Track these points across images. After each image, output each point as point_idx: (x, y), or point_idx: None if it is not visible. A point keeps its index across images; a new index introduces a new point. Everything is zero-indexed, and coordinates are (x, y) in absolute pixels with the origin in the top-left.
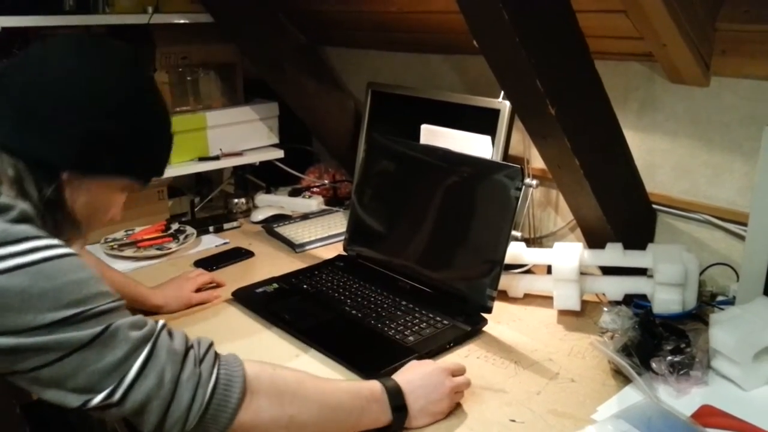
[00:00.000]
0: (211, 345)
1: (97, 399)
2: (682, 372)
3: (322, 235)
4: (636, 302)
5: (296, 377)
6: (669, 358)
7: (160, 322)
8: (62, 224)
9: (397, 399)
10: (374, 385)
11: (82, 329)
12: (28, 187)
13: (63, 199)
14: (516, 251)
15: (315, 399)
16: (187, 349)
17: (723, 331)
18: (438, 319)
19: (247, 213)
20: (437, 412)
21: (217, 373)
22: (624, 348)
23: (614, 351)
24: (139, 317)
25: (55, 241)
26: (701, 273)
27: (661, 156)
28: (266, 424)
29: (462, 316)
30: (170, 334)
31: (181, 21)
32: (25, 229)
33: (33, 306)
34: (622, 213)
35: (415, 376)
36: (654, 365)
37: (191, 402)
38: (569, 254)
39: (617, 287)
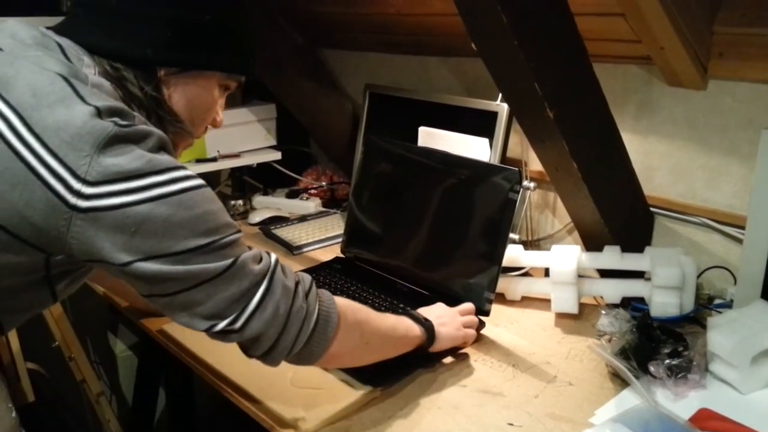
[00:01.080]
0: (312, 281)
1: (221, 325)
2: (679, 375)
3: (320, 237)
4: (633, 305)
5: (365, 310)
6: (667, 361)
7: (274, 257)
8: (167, 125)
9: (427, 322)
10: (407, 317)
11: (215, 260)
12: (132, 88)
13: (163, 98)
14: (514, 254)
15: (380, 325)
16: (296, 283)
17: (721, 335)
18: None
19: (244, 215)
20: (455, 338)
21: (319, 309)
22: (622, 351)
23: (612, 354)
24: (256, 251)
25: (190, 172)
26: (699, 276)
27: (658, 159)
28: (349, 350)
29: None
30: (283, 269)
31: None
32: (166, 159)
33: (174, 233)
34: (620, 216)
35: (434, 310)
36: (652, 368)
37: (299, 332)
38: (567, 257)
39: (615, 290)
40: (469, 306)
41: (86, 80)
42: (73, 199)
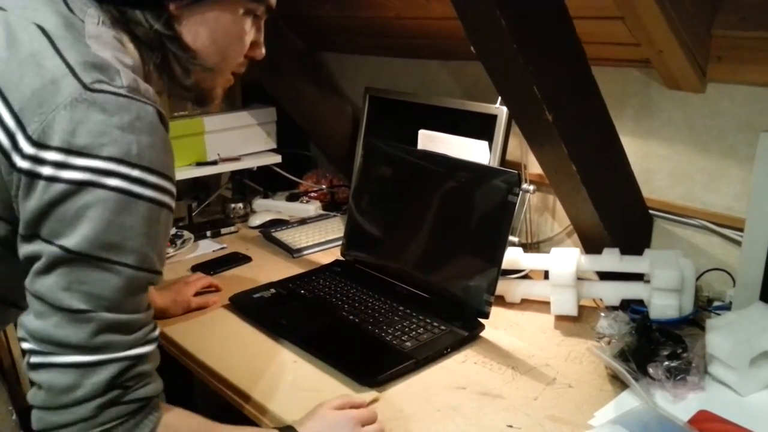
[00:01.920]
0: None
1: (26, 345)
2: (678, 377)
3: (320, 240)
4: (633, 307)
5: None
6: (666, 363)
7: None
8: (187, 65)
9: None
10: None
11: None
12: (142, 30)
13: (177, 35)
14: (513, 256)
15: None
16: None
17: (720, 337)
18: (435, 324)
19: (244, 218)
20: None
21: None
22: (621, 353)
23: (611, 356)
24: (152, 327)
25: (153, 179)
26: (698, 278)
27: (657, 162)
28: None
29: (459, 321)
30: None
31: None
32: (131, 147)
33: (77, 226)
34: (619, 218)
35: (321, 426)
36: (651, 370)
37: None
38: (566, 259)
39: (614, 292)
40: (372, 414)
41: (83, 31)
42: (15, 157)
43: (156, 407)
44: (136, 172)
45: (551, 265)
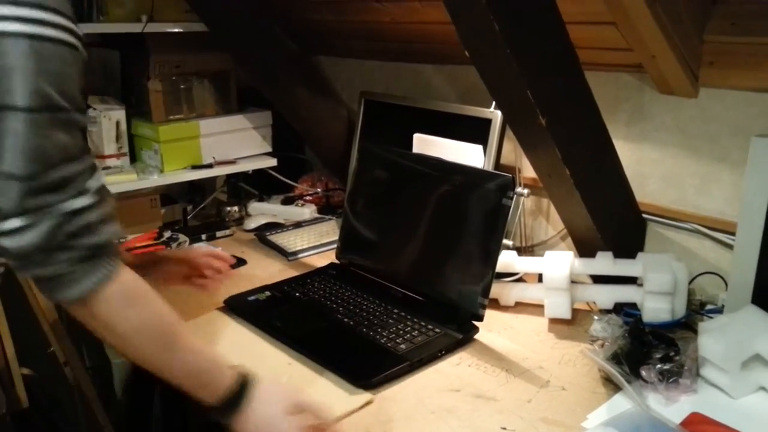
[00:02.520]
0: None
1: None
2: (671, 380)
3: (315, 243)
4: (626, 311)
5: (172, 315)
6: (658, 366)
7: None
8: None
9: (236, 400)
10: (230, 376)
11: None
12: None
13: None
14: (507, 260)
15: (174, 332)
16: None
17: (712, 340)
18: (430, 327)
19: (239, 221)
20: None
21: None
22: (614, 356)
23: (604, 359)
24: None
25: (61, 20)
26: (690, 282)
27: (650, 166)
28: (118, 316)
29: (454, 324)
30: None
31: (176, 30)
32: None
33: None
34: (613, 222)
35: (270, 410)
36: (644, 373)
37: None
38: (560, 263)
39: (607, 296)
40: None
41: None
42: None
43: (112, 254)
44: (5, 9)
45: (545, 269)
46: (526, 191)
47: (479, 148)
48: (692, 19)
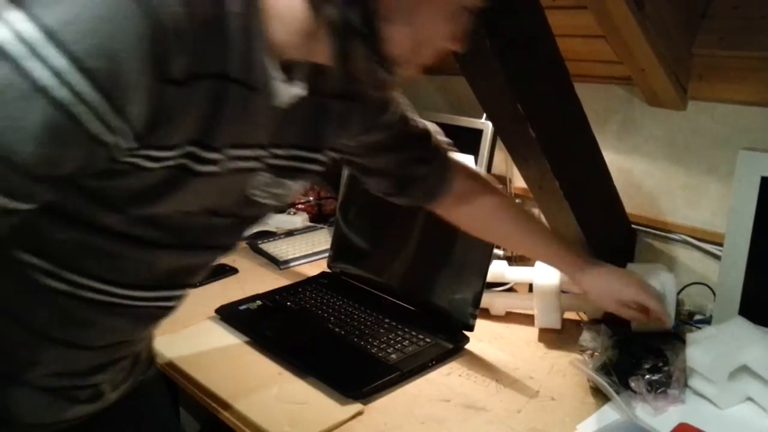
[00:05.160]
0: None
1: None
2: (659, 390)
3: (307, 252)
4: (615, 321)
5: None
6: (647, 376)
7: None
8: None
9: None
10: None
11: None
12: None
13: (376, 31)
14: (498, 269)
15: None
16: None
17: (699, 351)
18: (420, 336)
19: None
20: None
21: None
22: (603, 367)
23: (593, 370)
24: None
25: None
26: (679, 292)
27: (640, 177)
28: None
29: (444, 333)
30: None
31: None
32: None
33: None
34: (602, 233)
35: None
36: (632, 384)
37: None
38: (550, 273)
39: (597, 306)
40: None
41: None
42: None
43: None
44: None
45: (535, 278)
46: (517, 201)
47: (470, 158)
48: (681, 33)
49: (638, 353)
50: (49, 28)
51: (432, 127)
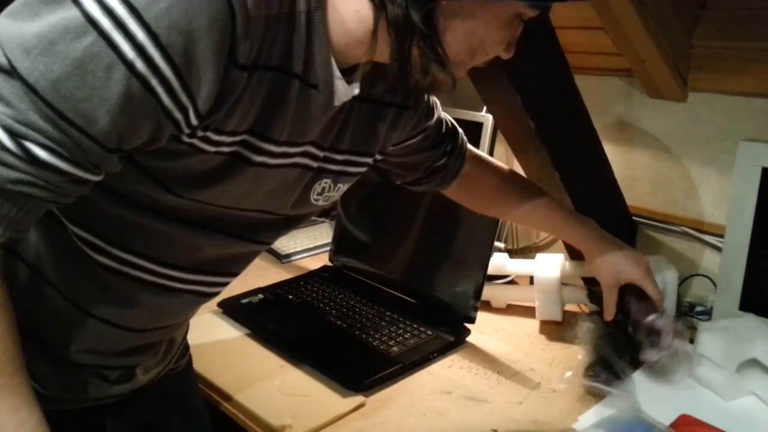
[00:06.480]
0: None
1: None
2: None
3: (308, 245)
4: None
5: None
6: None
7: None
8: (430, 64)
9: None
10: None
11: None
12: (393, 9)
13: (436, 33)
14: (499, 262)
15: None
16: None
17: (712, 338)
18: (422, 329)
19: None
20: None
21: None
22: (599, 361)
23: (587, 367)
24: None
25: None
26: (680, 284)
27: (640, 169)
28: None
29: (446, 326)
30: None
31: None
32: None
33: None
34: (603, 225)
35: None
36: (646, 357)
37: None
38: (551, 265)
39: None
40: None
41: None
42: None
43: None
44: None
45: (536, 271)
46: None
47: None
48: (681, 24)
49: (630, 342)
50: (132, 3)
51: (450, 118)
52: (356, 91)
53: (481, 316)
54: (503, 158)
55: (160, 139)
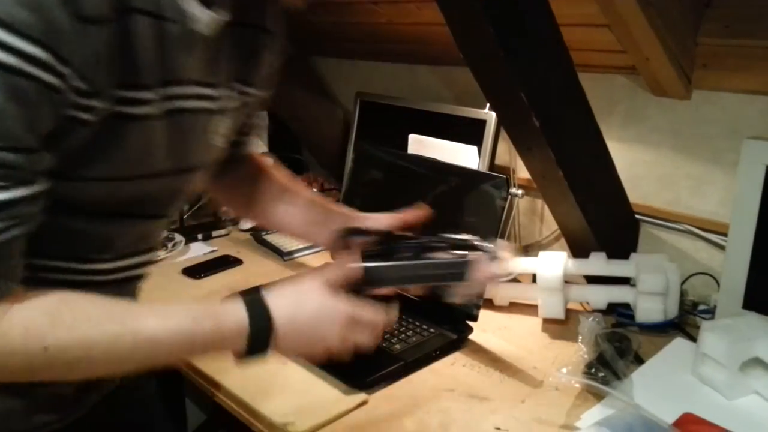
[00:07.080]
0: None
1: None
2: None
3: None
4: (619, 311)
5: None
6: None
7: None
8: None
9: (258, 342)
10: (236, 322)
11: None
12: None
13: None
14: None
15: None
16: None
17: (715, 336)
18: (424, 327)
19: (235, 221)
20: (307, 354)
21: None
22: (598, 359)
23: (591, 360)
24: None
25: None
26: (683, 282)
27: (644, 167)
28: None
29: (448, 324)
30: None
31: None
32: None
33: None
34: (606, 223)
35: (304, 315)
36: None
37: None
38: (554, 263)
39: (601, 296)
40: (371, 315)
41: None
42: None
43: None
44: None
45: (539, 269)
46: (520, 192)
47: (474, 149)
48: (685, 21)
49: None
50: None
51: None
52: (220, 16)
53: (484, 314)
54: (506, 156)
55: (63, 114)
